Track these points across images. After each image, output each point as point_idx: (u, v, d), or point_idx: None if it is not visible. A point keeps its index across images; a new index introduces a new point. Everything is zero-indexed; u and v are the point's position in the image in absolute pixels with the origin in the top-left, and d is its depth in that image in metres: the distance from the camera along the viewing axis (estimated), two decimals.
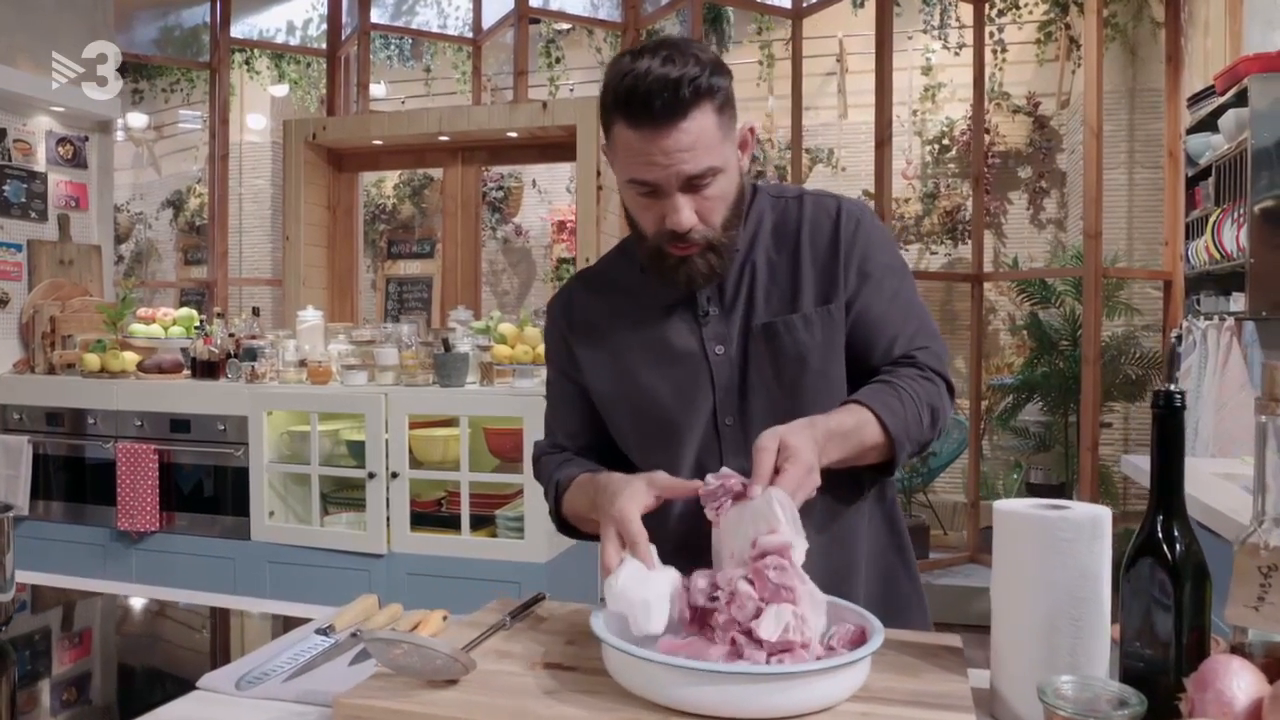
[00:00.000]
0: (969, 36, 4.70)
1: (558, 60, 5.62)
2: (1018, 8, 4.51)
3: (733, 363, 1.22)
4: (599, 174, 4.55)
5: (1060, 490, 4.72)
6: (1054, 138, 5.93)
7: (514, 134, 4.80)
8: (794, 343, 1.20)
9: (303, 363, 3.37)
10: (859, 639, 0.99)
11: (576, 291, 1.36)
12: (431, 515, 3.26)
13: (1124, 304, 4.62)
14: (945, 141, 6.20)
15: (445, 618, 1.24)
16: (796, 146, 4.81)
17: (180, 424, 3.37)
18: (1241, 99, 3.10)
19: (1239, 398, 3.10)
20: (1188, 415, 3.10)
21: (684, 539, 1.14)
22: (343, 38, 5.31)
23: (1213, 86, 3.42)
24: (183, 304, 6.67)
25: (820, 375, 1.21)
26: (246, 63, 5.76)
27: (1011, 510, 0.98)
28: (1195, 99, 3.63)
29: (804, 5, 4.76)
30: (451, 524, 3.19)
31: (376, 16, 5.30)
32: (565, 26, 5.74)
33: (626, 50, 1.14)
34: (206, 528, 3.36)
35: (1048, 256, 5.87)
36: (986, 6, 4.52)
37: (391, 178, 7.33)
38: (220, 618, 1.43)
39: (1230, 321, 3.16)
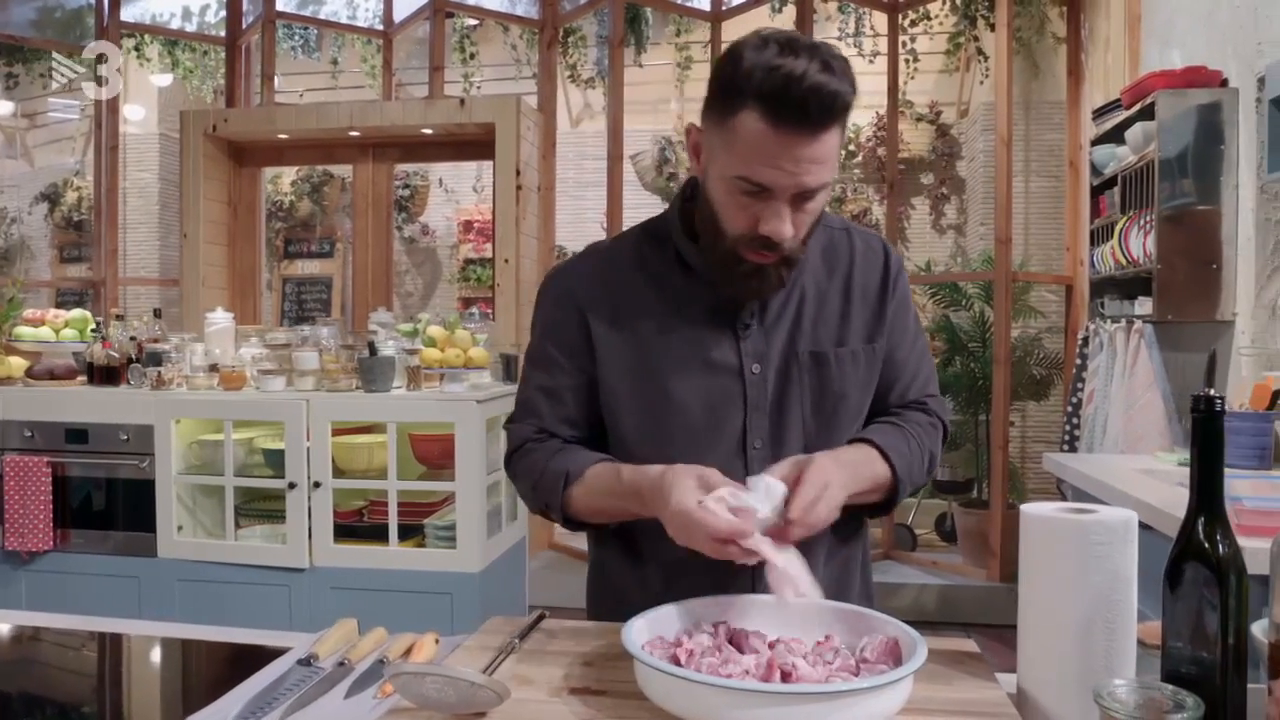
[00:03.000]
0: (882, 45, 4.82)
1: (472, 56, 5.50)
2: (929, 19, 4.64)
3: (769, 384, 1.18)
4: (518, 173, 4.47)
5: (968, 486, 4.87)
6: (955, 146, 6.14)
7: (429, 131, 4.67)
8: (840, 376, 1.19)
9: (213, 367, 3.18)
10: (893, 650, 0.97)
11: (598, 267, 1.23)
12: (354, 526, 3.13)
13: (1029, 307, 4.81)
14: (851, 148, 6.34)
15: (437, 640, 1.17)
16: None
17: (76, 434, 3.13)
18: (1147, 112, 3.26)
19: (1147, 396, 3.26)
20: (1095, 414, 3.23)
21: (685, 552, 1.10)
22: (244, 26, 5.06)
23: (1119, 100, 3.58)
24: (59, 304, 6.24)
25: (855, 411, 1.23)
26: (136, 48, 5.43)
27: (1043, 515, 0.98)
28: (1101, 111, 3.80)
29: (723, 9, 4.78)
30: (377, 535, 3.06)
31: (282, 4, 5.07)
32: (474, 22, 5.62)
33: (764, 36, 1.04)
34: (107, 545, 3.14)
35: (949, 261, 6.07)
36: (899, 16, 4.63)
37: (289, 174, 7.04)
38: (167, 649, 1.31)
39: (1139, 324, 3.32)
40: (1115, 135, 3.58)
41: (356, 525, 3.13)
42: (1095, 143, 3.79)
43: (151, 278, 6.44)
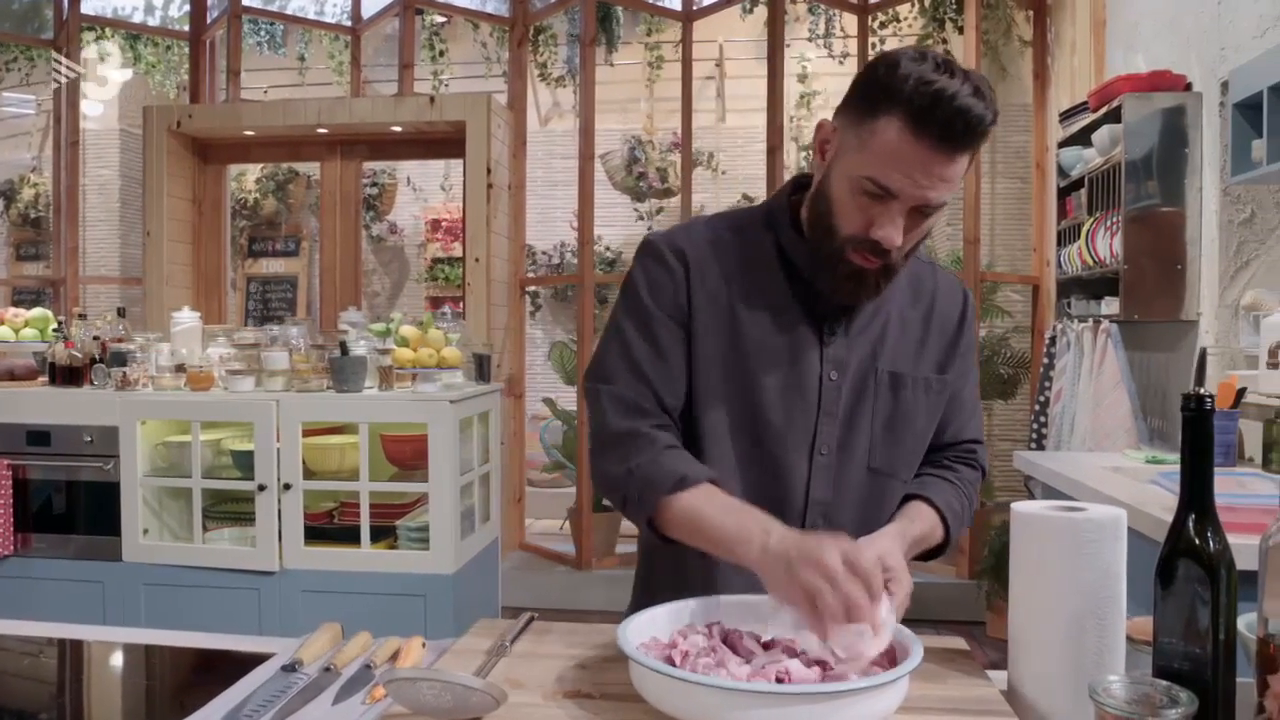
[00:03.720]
0: (852, 46, 4.85)
1: (441, 54, 5.45)
2: (898, 20, 4.68)
3: (843, 395, 1.19)
4: (489, 171, 4.44)
5: None
6: None
7: (398, 128, 4.63)
8: (913, 399, 1.22)
9: (180, 368, 3.12)
10: (886, 649, 0.98)
11: (706, 237, 1.20)
12: (325, 528, 3.09)
13: (996, 307, 4.86)
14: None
15: (424, 644, 1.16)
16: (686, 150, 4.83)
17: (39, 436, 3.06)
18: (1114, 115, 3.31)
19: (1114, 395, 3.31)
20: (1063, 412, 3.26)
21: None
22: (208, 20, 4.98)
23: (1085, 103, 3.64)
24: (15, 303, 6.09)
25: (921, 436, 1.26)
26: (97, 42, 5.31)
27: (1034, 513, 0.99)
28: (1067, 114, 3.85)
29: (694, 8, 4.78)
30: (347, 537, 3.03)
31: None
32: (442, 19, 5.57)
33: (922, 51, 1.05)
34: (70, 549, 3.07)
35: None
36: (869, 18, 4.66)
37: (253, 171, 6.93)
38: (132, 655, 1.28)
39: (1105, 324, 3.37)
40: (1082, 138, 3.63)
41: (326, 527, 3.09)
42: (1062, 145, 3.84)
43: (112, 276, 6.31)
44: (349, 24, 5.05)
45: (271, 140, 4.77)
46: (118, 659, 1.27)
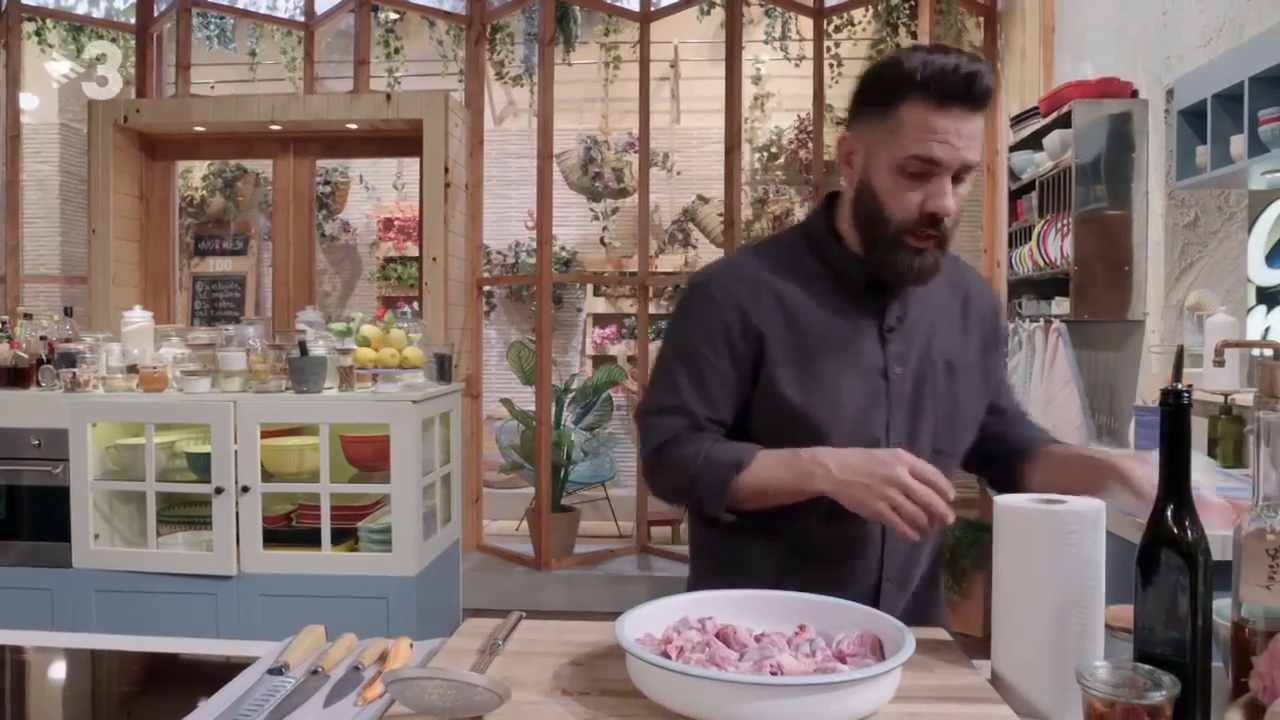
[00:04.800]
0: (808, 49, 4.90)
1: (397, 51, 5.39)
2: (853, 24, 4.74)
3: (906, 386, 1.28)
4: (447, 170, 4.41)
5: None
6: None
7: (354, 126, 4.58)
8: (966, 384, 1.32)
9: (132, 368, 3.05)
10: (871, 642, 1.00)
11: (757, 268, 1.29)
12: (282, 531, 3.04)
13: None
14: (774, 149, 6.44)
15: (411, 645, 1.15)
16: (644, 149, 4.84)
17: None
18: (1064, 121, 3.40)
19: (1064, 394, 3.39)
20: None
21: (819, 539, 1.26)
22: (155, 13, 4.86)
23: (1036, 108, 3.73)
24: None
25: (973, 419, 1.35)
26: (38, 34, 5.16)
27: (1017, 506, 1.01)
28: (1019, 119, 3.94)
29: (652, 9, 4.80)
30: (307, 539, 2.98)
31: None
32: (395, 15, 5.51)
33: (912, 46, 1.23)
34: (16, 556, 2.98)
35: None
36: (824, 22, 4.72)
37: (200, 168, 6.79)
38: (113, 662, 1.25)
39: (1056, 323, 3.45)
40: (1033, 142, 3.72)
41: (283, 530, 3.04)
42: (1014, 149, 3.93)
43: (54, 275, 6.13)
44: (302, 19, 4.97)
45: (222, 137, 4.68)
46: (84, 667, 1.24)
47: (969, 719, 0.91)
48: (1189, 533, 0.90)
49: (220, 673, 1.13)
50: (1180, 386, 0.92)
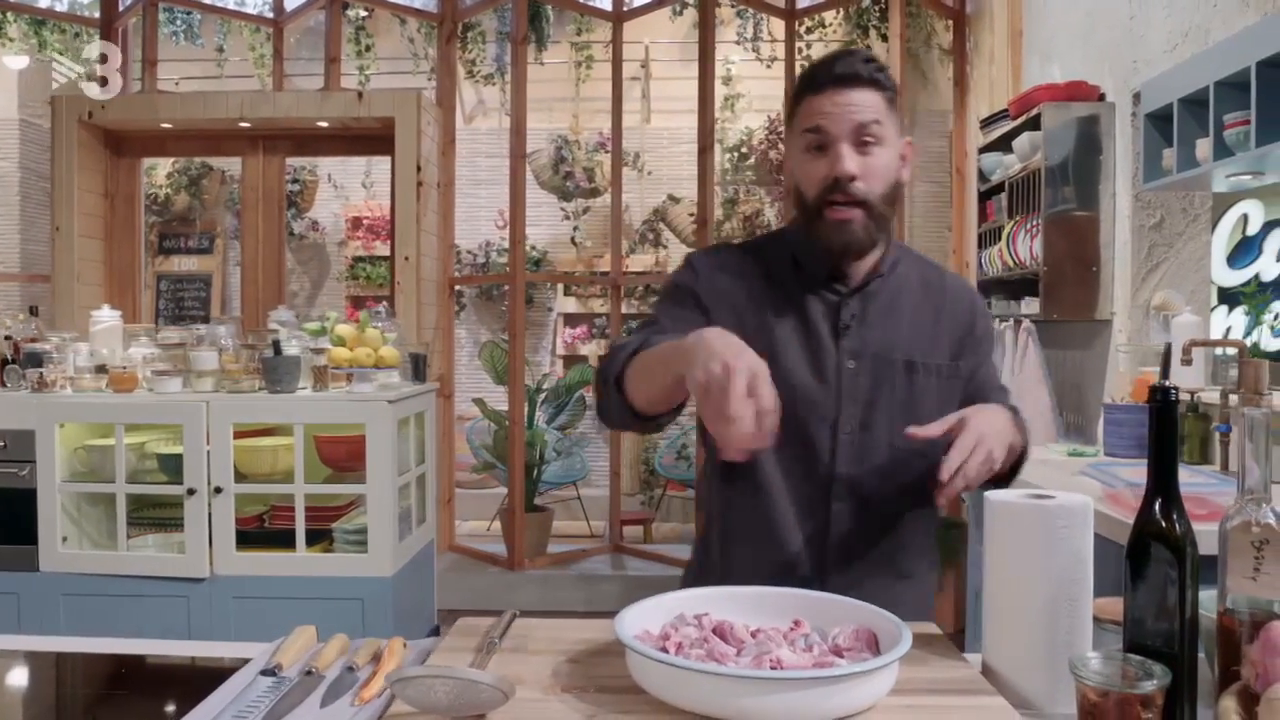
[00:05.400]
0: (780, 50, 4.93)
1: (367, 49, 5.35)
2: (824, 26, 4.78)
3: (862, 381, 1.33)
4: (419, 169, 4.38)
5: None
6: None
7: (324, 124, 4.53)
8: (925, 383, 1.35)
9: (101, 368, 3.00)
10: (866, 636, 1.01)
11: (725, 258, 1.40)
12: (254, 533, 3.00)
13: None
14: (744, 150, 6.47)
15: (404, 644, 1.15)
16: (617, 149, 4.84)
17: None
18: (1033, 123, 3.45)
19: (1035, 392, 3.45)
20: None
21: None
22: (120, 8, 4.78)
23: (1005, 111, 3.78)
24: None
25: (932, 419, 1.32)
26: None
27: (1008, 501, 1.03)
28: (988, 121, 3.99)
29: (625, 9, 4.80)
30: (280, 541, 2.95)
31: None
32: (365, 13, 5.46)
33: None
34: None
35: None
36: (796, 23, 4.75)
37: (164, 165, 6.68)
38: (96, 666, 1.23)
39: (1026, 323, 3.51)
40: (1002, 144, 3.78)
41: (256, 531, 3.00)
42: (983, 150, 3.99)
43: (14, 273, 6.01)
44: (271, 16, 4.91)
45: (190, 133, 4.61)
46: (77, 670, 1.23)
47: (966, 711, 0.92)
48: (1177, 526, 0.92)
49: (202, 675, 1.13)
50: (1168, 383, 0.94)
